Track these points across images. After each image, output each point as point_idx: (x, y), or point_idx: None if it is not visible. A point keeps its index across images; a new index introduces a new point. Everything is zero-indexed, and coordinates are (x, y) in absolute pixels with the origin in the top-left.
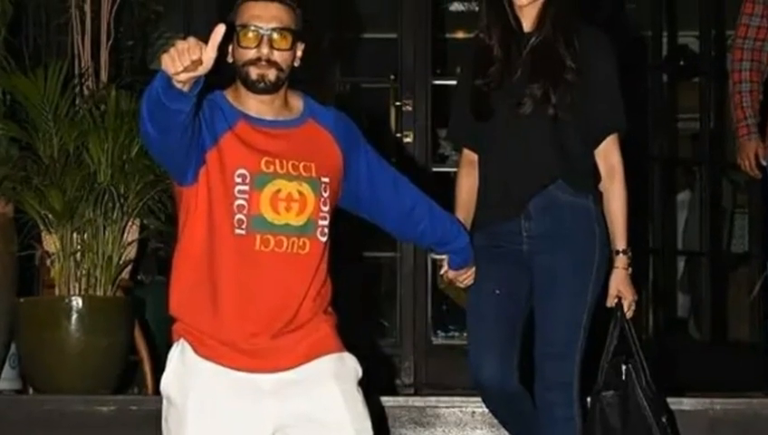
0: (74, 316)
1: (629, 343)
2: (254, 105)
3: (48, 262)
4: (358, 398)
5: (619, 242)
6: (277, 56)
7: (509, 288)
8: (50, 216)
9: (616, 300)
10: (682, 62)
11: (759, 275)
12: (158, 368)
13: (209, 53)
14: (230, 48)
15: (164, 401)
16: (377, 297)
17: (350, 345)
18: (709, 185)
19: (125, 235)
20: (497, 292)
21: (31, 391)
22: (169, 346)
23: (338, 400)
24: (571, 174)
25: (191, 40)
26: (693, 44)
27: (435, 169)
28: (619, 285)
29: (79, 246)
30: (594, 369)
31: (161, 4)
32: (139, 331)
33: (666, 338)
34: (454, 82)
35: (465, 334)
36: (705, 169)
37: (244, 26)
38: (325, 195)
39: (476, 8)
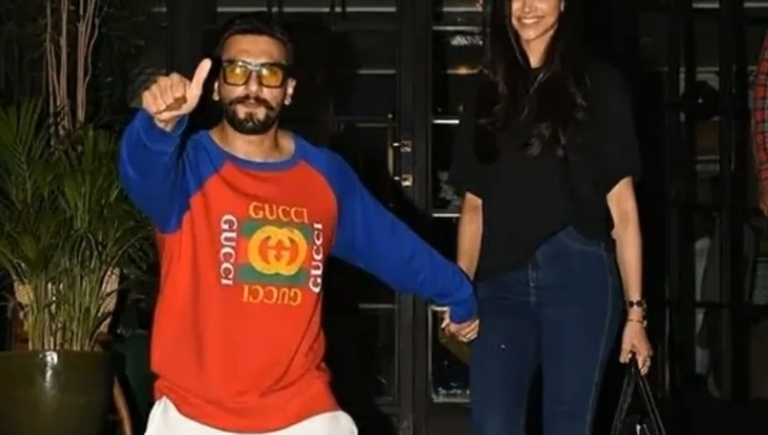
0: (49, 373)
1: (644, 401)
2: (242, 146)
3: (21, 314)
4: None
5: (634, 293)
6: (267, 94)
7: (515, 342)
8: (23, 265)
9: (630, 355)
10: (701, 100)
11: None
12: (140, 428)
13: (194, 91)
14: (216, 85)
15: None
16: (373, 352)
17: (344, 404)
18: (730, 232)
19: (103, 285)
20: (503, 346)
21: None
22: (151, 405)
23: None
24: (582, 220)
25: (174, 76)
26: (712, 81)
27: (435, 215)
28: (634, 339)
29: (54, 298)
30: (606, 429)
31: (142, 38)
32: (119, 388)
33: (683, 396)
34: (456, 122)
35: (467, 392)
36: (725, 214)
37: (232, 61)
38: (318, 242)
39: (480, 42)
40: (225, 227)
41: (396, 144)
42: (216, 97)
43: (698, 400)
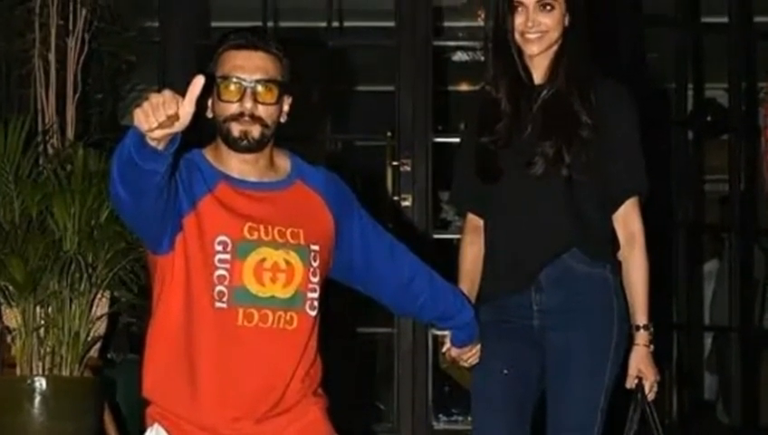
0: (37, 399)
1: (651, 428)
2: (237, 165)
3: (9, 338)
4: None
5: (640, 316)
6: (262, 111)
7: (518, 368)
8: (10, 287)
9: (636, 380)
10: (709, 118)
11: None
12: None
13: (186, 108)
14: (210, 102)
15: None
16: (372, 378)
17: (342, 431)
18: (739, 253)
19: (93, 308)
20: (505, 372)
21: None
22: (142, 432)
23: None
24: (587, 241)
25: (166, 93)
26: (721, 98)
27: (436, 236)
28: (640, 364)
29: (42, 321)
30: None
31: (134, 54)
32: (109, 415)
33: (691, 423)
34: (457, 140)
35: (469, 419)
36: (734, 235)
37: (226, 78)
38: (315, 264)
39: (482, 58)
40: (219, 248)
41: (395, 163)
42: (209, 114)
43: (707, 427)
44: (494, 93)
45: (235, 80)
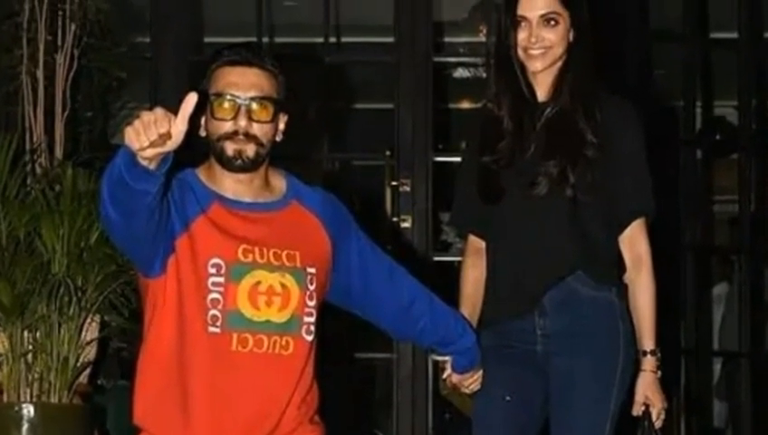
0: (25, 426)
1: None
2: (231, 185)
3: None
4: None
5: (647, 341)
6: (257, 129)
7: (521, 394)
8: None
9: (643, 407)
10: (718, 136)
11: None
12: None
13: (179, 126)
14: (203, 120)
15: None
16: (370, 404)
17: None
18: (749, 276)
19: (83, 333)
20: (507, 398)
21: None
22: None
23: None
24: (593, 264)
25: (158, 111)
26: (731, 116)
27: (436, 259)
28: (647, 391)
29: (30, 346)
30: None
31: (124, 70)
32: None
33: None
34: (458, 159)
35: None
36: (744, 257)
37: (219, 95)
38: (311, 288)
39: (483, 74)
40: (213, 271)
41: (394, 183)
42: (202, 133)
43: None
44: (496, 111)
45: (229, 97)
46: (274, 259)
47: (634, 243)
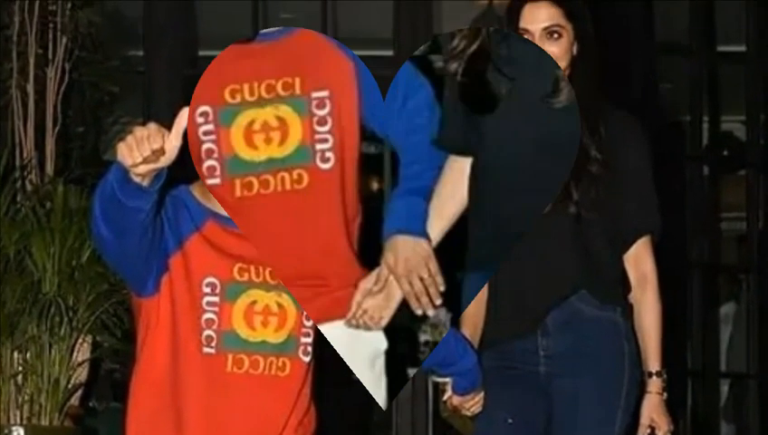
0: None
1: None
2: None
3: None
4: None
5: (653, 362)
6: None
7: (523, 417)
8: None
9: (649, 430)
10: (726, 152)
11: None
12: None
13: (173, 142)
14: None
15: None
16: (369, 427)
17: None
18: (758, 295)
19: (74, 354)
20: (510, 421)
21: None
22: None
23: None
24: (597, 283)
25: (152, 126)
26: (738, 131)
27: None
28: (653, 413)
29: (20, 368)
30: None
31: (117, 85)
32: None
33: None
34: None
35: None
36: (752, 276)
37: None
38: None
39: None
40: (207, 290)
41: None
42: None
43: None
44: None
45: None
46: (271, 278)
47: (639, 261)
